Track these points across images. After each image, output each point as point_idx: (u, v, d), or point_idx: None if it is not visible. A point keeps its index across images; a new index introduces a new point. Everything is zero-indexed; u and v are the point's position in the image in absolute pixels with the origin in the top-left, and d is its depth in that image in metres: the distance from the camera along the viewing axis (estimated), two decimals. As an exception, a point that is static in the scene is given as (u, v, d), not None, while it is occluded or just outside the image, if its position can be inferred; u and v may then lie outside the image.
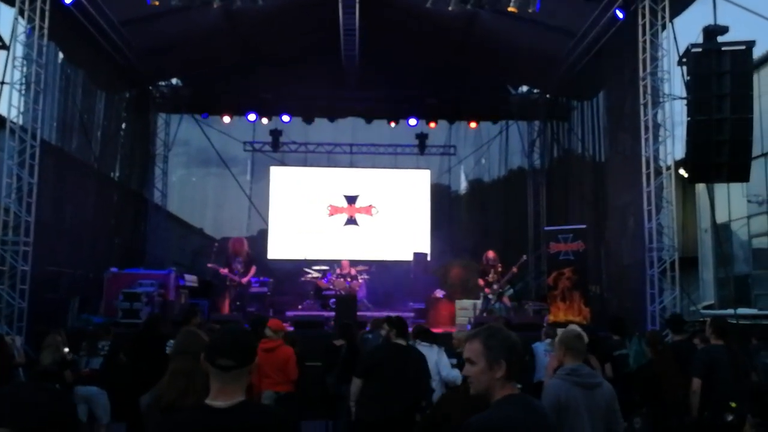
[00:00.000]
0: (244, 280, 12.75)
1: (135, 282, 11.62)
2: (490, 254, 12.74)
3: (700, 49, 9.80)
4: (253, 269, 13.00)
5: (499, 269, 12.53)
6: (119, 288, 11.29)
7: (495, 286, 12.41)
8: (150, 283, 11.62)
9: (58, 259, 11.43)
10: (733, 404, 5.68)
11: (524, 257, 12.82)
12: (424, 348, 6.59)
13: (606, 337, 8.08)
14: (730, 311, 14.15)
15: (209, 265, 13.07)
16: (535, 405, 2.64)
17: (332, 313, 12.32)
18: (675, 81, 10.58)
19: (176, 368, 3.28)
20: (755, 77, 11.57)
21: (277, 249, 16.91)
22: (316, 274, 14.87)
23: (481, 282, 12.63)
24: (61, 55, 11.63)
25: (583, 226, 12.52)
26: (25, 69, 10.14)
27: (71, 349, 7.73)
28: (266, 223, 17.28)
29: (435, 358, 6.49)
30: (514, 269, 12.46)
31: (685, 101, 10.08)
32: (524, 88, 17.39)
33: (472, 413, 2.53)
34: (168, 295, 11.94)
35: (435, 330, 10.04)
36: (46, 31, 10.25)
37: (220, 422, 2.31)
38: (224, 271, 12.67)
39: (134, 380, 6.60)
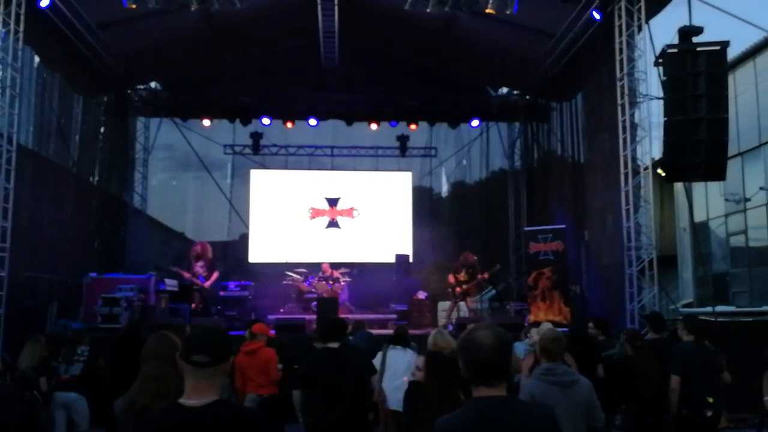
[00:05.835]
0: (207, 284, 12.66)
1: (114, 287, 11.48)
2: (471, 257, 12.87)
3: (675, 50, 9.88)
4: (216, 274, 12.90)
5: (470, 272, 12.68)
6: (98, 293, 11.14)
7: (464, 286, 12.62)
8: (130, 287, 11.49)
9: (36, 265, 11.27)
10: (710, 399, 5.76)
11: (498, 266, 12.98)
12: (396, 352, 6.57)
13: (592, 337, 8.08)
14: (709, 309, 14.30)
15: (173, 268, 13.00)
16: None
17: (314, 316, 12.30)
18: (652, 81, 10.71)
19: (147, 373, 3.25)
20: (731, 77, 11.72)
21: (259, 252, 16.84)
22: (297, 277, 14.83)
23: (451, 279, 12.77)
24: (37, 59, 11.50)
25: (563, 226, 12.62)
26: (0, 73, 10.02)
27: (50, 355, 7.65)
28: (247, 226, 17.19)
29: (408, 360, 6.45)
30: (485, 275, 12.64)
31: (661, 101, 10.17)
32: (504, 90, 17.49)
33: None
34: (148, 300, 11.85)
35: (418, 332, 10.09)
36: (21, 35, 10.14)
37: (193, 421, 2.30)
38: (186, 274, 12.57)
39: (114, 386, 6.53)
